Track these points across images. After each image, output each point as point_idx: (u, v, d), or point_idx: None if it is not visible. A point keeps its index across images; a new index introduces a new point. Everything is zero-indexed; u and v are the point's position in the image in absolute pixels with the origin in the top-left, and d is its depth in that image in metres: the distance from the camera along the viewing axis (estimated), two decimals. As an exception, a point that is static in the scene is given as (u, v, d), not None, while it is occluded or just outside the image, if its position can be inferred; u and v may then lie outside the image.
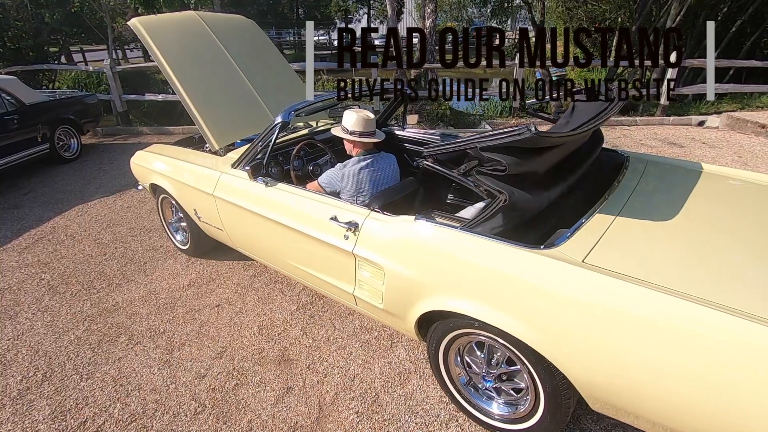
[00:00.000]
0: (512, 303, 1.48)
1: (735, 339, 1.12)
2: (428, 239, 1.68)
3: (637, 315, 1.24)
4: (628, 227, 1.61)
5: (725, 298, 1.20)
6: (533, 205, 1.71)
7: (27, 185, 5.12)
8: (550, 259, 1.41)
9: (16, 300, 2.92)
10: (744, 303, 1.18)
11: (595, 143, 2.23)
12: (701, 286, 1.26)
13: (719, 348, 1.14)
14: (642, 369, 1.25)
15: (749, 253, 1.50)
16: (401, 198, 2.17)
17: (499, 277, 1.50)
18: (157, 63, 2.94)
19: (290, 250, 2.30)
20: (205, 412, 1.99)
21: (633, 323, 1.25)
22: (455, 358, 1.85)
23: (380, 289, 1.88)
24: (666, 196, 1.89)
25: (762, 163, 5.07)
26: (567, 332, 1.37)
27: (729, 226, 1.68)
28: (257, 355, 2.33)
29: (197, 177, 2.73)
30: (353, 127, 2.22)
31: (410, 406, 1.98)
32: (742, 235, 1.62)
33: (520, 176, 1.62)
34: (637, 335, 1.24)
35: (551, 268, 1.40)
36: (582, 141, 2.05)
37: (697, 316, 1.17)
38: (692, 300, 1.19)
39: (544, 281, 1.41)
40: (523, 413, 1.68)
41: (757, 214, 1.78)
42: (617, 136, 6.49)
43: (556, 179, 1.85)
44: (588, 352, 1.34)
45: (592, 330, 1.32)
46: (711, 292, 1.23)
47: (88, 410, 2.03)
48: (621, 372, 1.30)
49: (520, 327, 1.46)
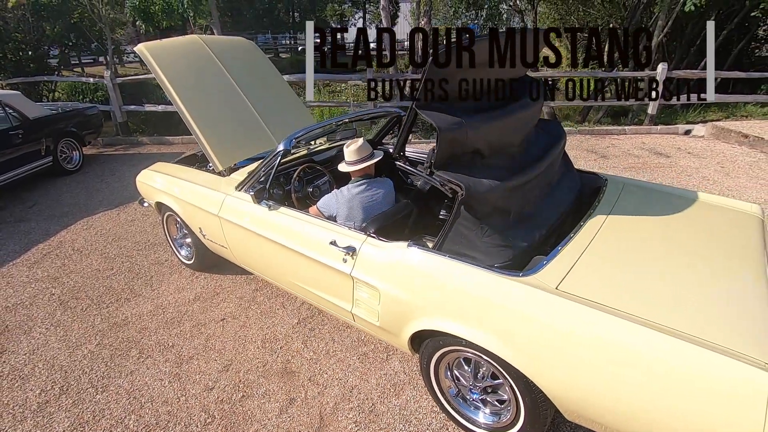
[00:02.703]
0: (494, 325, 1.64)
1: (672, 357, 1.30)
2: (419, 265, 1.85)
3: (598, 337, 1.42)
4: (599, 253, 1.79)
5: (672, 320, 1.38)
6: (494, 194, 1.85)
7: (31, 198, 5.26)
8: (527, 287, 1.58)
9: (29, 315, 3.06)
10: (689, 325, 1.36)
11: (554, 137, 2.40)
12: (653, 310, 1.44)
13: (659, 364, 1.32)
14: (604, 384, 1.42)
15: (705, 276, 1.67)
16: (396, 220, 2.34)
17: (483, 301, 1.67)
18: (162, 87, 3.09)
19: (292, 269, 2.45)
20: (214, 423, 2.15)
21: (596, 344, 1.42)
22: (445, 372, 2.01)
23: (376, 309, 2.04)
24: (637, 222, 2.06)
25: (743, 173, 5.28)
26: (542, 352, 1.54)
27: (690, 250, 1.86)
28: (261, 367, 2.49)
29: (203, 198, 2.88)
30: (349, 158, 2.39)
31: (404, 415, 2.15)
32: (702, 258, 1.79)
33: (473, 167, 1.84)
34: (600, 355, 1.41)
35: (528, 294, 1.57)
36: (524, 128, 2.23)
37: (642, 338, 1.35)
38: (639, 323, 1.38)
39: (522, 306, 1.58)
40: (506, 422, 1.85)
41: (718, 238, 1.96)
42: (607, 145, 6.70)
43: (513, 170, 2.01)
44: (560, 369, 1.51)
45: (564, 350, 1.49)
46: (660, 314, 1.41)
47: (105, 422, 2.18)
48: (588, 387, 1.47)
49: (501, 346, 1.63)
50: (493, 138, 2.00)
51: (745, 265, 1.76)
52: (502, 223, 1.92)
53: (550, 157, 2.23)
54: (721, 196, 2.36)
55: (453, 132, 1.80)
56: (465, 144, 1.89)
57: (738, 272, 1.73)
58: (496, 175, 1.91)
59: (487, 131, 1.95)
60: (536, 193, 2.14)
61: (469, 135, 1.85)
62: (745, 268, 1.75)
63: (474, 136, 1.88)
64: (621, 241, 1.89)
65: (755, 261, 1.79)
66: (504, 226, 1.92)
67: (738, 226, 2.07)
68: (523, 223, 2.01)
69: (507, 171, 1.98)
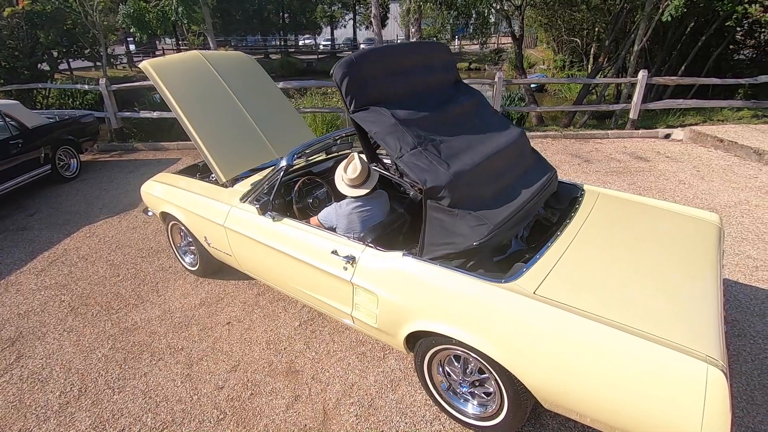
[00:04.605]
0: (480, 325, 1.86)
1: (626, 350, 1.53)
2: (413, 273, 2.06)
3: (566, 335, 1.64)
4: (572, 261, 2.01)
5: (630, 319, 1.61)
6: (454, 182, 2.05)
7: (32, 206, 5.37)
8: (509, 292, 1.80)
9: (42, 321, 3.21)
10: (644, 323, 1.59)
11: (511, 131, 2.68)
12: (614, 310, 1.67)
13: (616, 356, 1.55)
14: (574, 376, 1.64)
15: (664, 279, 1.91)
16: (392, 230, 2.56)
17: (470, 304, 1.88)
18: (166, 101, 3.25)
19: (295, 276, 2.65)
20: (226, 419, 2.34)
21: (565, 341, 1.64)
22: (437, 368, 2.23)
23: (375, 312, 2.25)
24: (608, 231, 2.30)
25: (717, 176, 5.58)
26: (522, 349, 1.76)
27: (653, 255, 2.09)
28: (267, 367, 2.68)
29: (209, 209, 3.06)
30: (349, 182, 2.49)
31: (401, 408, 2.36)
32: (663, 264, 2.03)
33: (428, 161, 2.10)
34: (569, 351, 1.64)
35: (509, 298, 1.79)
36: (463, 123, 2.53)
37: (602, 335, 1.58)
38: (601, 322, 1.61)
39: (504, 309, 1.80)
40: (492, 412, 2.07)
41: (679, 245, 2.20)
42: (590, 149, 6.98)
43: (463, 157, 2.24)
44: (538, 364, 1.73)
45: (540, 347, 1.71)
46: (620, 314, 1.65)
47: (124, 420, 2.36)
48: (561, 379, 1.69)
49: (487, 345, 1.84)
50: (431, 131, 2.27)
51: (701, 270, 2.00)
52: (471, 204, 2.09)
53: (497, 140, 2.50)
54: (685, 206, 2.61)
55: (388, 133, 2.13)
56: (405, 140, 2.15)
57: (694, 276, 1.96)
58: (454, 163, 2.14)
59: (422, 126, 2.24)
60: (497, 173, 2.33)
61: (407, 132, 2.16)
62: (700, 272, 1.99)
63: (411, 132, 2.17)
64: (592, 249, 2.11)
65: (710, 266, 2.03)
66: (475, 206, 2.09)
67: (698, 233, 2.31)
68: (495, 200, 2.20)
69: (458, 159, 2.20)
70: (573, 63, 18.85)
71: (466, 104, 2.64)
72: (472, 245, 1.95)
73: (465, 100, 2.67)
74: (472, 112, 2.66)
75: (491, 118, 2.72)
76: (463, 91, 2.79)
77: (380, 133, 2.16)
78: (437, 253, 2.07)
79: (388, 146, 2.15)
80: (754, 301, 3.09)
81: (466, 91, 2.78)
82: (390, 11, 28.78)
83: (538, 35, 24.34)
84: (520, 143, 2.64)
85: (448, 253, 2.04)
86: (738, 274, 3.42)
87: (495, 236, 2.04)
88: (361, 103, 2.21)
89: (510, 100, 10.21)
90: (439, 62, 2.72)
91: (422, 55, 2.64)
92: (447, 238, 2.06)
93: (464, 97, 2.70)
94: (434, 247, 2.09)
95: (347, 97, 2.18)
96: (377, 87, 2.27)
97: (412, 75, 2.49)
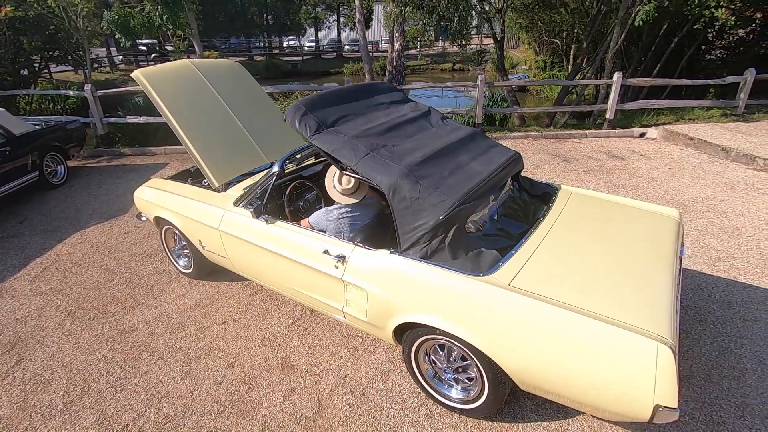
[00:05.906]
0: (462, 316, 2.03)
1: (586, 333, 1.73)
2: (399, 270, 2.23)
3: (537, 321, 1.83)
4: (544, 255, 2.20)
5: (591, 304, 1.81)
6: (406, 175, 2.25)
7: (21, 212, 5.39)
8: (486, 284, 1.98)
9: (40, 326, 3.29)
10: (604, 307, 1.78)
11: (464, 129, 2.98)
12: (578, 297, 1.87)
13: (578, 339, 1.74)
14: (545, 359, 1.83)
15: (625, 269, 2.11)
16: (379, 230, 2.72)
17: (452, 297, 2.06)
18: (158, 110, 3.36)
19: (289, 275, 2.79)
20: (226, 411, 2.47)
21: (537, 327, 1.83)
22: (424, 357, 2.40)
23: (364, 307, 2.41)
24: (578, 226, 2.50)
25: (687, 174, 5.89)
26: (500, 337, 1.94)
27: (617, 248, 2.30)
28: (263, 363, 2.82)
29: (203, 213, 3.18)
30: (341, 190, 2.65)
31: (391, 396, 2.52)
32: (626, 255, 2.23)
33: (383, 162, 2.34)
34: (540, 336, 1.82)
35: (487, 290, 1.97)
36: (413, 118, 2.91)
37: (567, 319, 1.78)
38: (566, 308, 1.80)
39: (482, 300, 1.98)
40: (474, 396, 2.25)
41: (641, 238, 2.41)
42: (569, 149, 7.25)
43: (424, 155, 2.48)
44: (513, 349, 1.92)
45: (516, 335, 1.89)
46: (583, 300, 1.84)
47: (128, 416, 2.48)
48: (535, 363, 1.88)
49: (468, 333, 2.02)
50: (382, 141, 2.54)
51: (659, 260, 2.21)
52: (431, 186, 2.27)
53: (449, 137, 2.79)
54: (649, 203, 2.83)
55: (343, 147, 2.40)
56: (358, 150, 2.39)
57: (652, 266, 2.17)
58: (406, 159, 2.39)
59: (374, 137, 2.54)
60: (453, 161, 2.55)
61: (359, 143, 2.44)
62: (658, 262, 2.20)
63: (363, 143, 2.44)
64: (563, 244, 2.31)
65: (667, 256, 2.25)
66: (434, 187, 2.27)
67: (658, 227, 2.53)
68: (454, 180, 2.38)
69: (410, 156, 2.45)
70: (554, 63, 19.30)
71: (416, 117, 2.98)
72: (439, 219, 2.14)
73: (414, 114, 3.00)
74: (423, 122, 2.97)
75: (443, 125, 3.01)
76: (412, 107, 3.13)
77: (336, 149, 2.42)
78: (413, 238, 2.20)
79: (345, 157, 2.38)
80: (716, 289, 3.34)
81: (414, 107, 3.13)
82: (374, 13, 28.95)
83: (520, 36, 24.80)
84: (475, 138, 2.92)
85: (422, 234, 2.18)
86: (702, 264, 3.67)
87: (460, 210, 2.21)
88: (315, 128, 2.50)
89: (493, 101, 10.47)
90: (383, 92, 3.17)
91: (365, 91, 3.05)
92: (417, 221, 2.20)
93: (413, 112, 3.03)
94: (408, 234, 2.22)
95: (300, 127, 2.49)
96: (328, 118, 2.60)
97: (358, 104, 2.89)
